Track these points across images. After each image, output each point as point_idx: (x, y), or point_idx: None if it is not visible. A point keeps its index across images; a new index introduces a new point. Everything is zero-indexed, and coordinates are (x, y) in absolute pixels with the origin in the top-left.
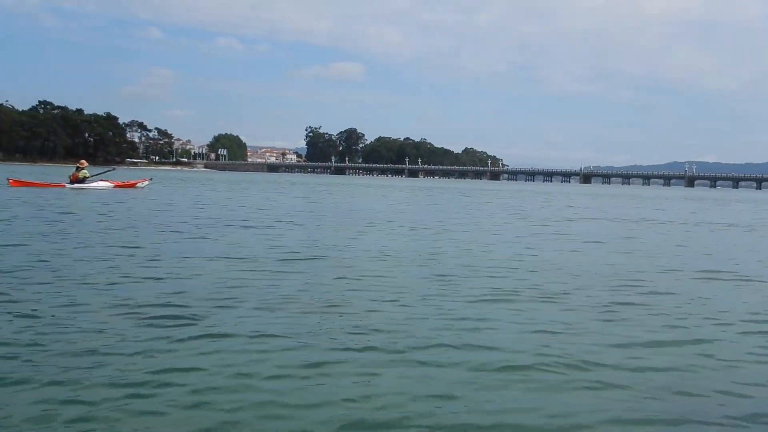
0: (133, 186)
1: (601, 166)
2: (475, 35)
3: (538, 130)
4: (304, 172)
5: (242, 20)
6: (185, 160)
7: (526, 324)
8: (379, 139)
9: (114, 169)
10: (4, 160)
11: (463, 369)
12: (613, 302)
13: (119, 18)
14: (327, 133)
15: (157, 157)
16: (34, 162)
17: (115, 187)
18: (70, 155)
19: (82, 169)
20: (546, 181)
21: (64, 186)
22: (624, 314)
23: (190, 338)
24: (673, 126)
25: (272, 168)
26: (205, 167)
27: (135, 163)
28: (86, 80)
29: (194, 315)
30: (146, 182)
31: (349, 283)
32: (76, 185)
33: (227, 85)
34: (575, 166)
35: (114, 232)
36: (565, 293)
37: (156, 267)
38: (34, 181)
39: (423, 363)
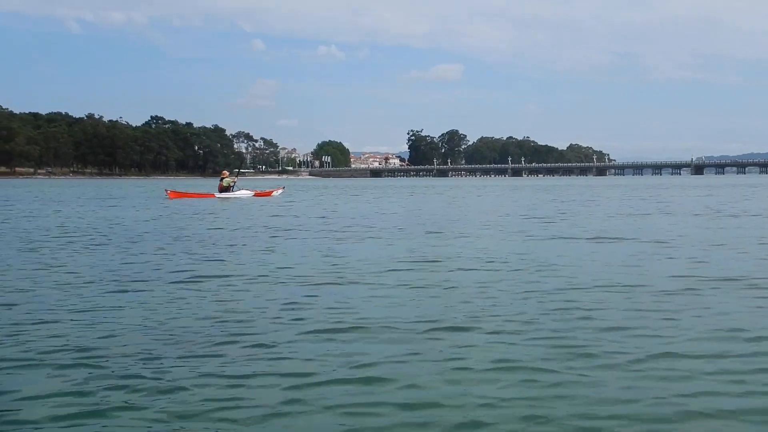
0: (269, 194)
1: (714, 156)
2: (573, 27)
3: (645, 122)
4: (406, 176)
5: (341, 28)
6: (290, 168)
7: None
8: (482, 139)
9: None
10: (120, 175)
11: None
12: None
13: (224, 32)
14: (429, 136)
15: (263, 167)
16: (148, 175)
17: (255, 195)
18: (182, 168)
19: (225, 178)
20: (655, 173)
21: (214, 195)
22: None
23: None
24: None
25: (375, 173)
26: (310, 174)
27: (243, 173)
28: (195, 94)
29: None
30: (280, 191)
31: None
32: (224, 194)
33: (330, 92)
34: (685, 157)
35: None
36: None
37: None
38: (189, 192)
39: None
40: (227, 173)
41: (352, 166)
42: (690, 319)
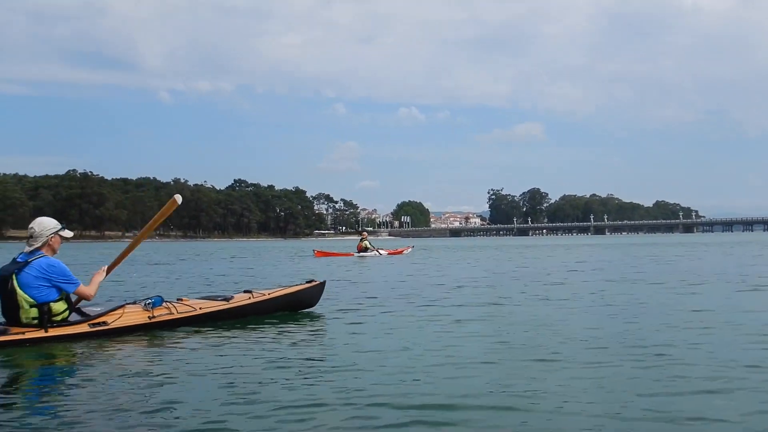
0: (401, 253)
1: None
2: (659, 83)
3: (736, 177)
4: (486, 235)
5: (421, 90)
6: (370, 228)
7: None
8: (564, 198)
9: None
10: (204, 237)
11: None
12: None
13: (307, 98)
14: (509, 195)
15: (343, 228)
16: (230, 237)
17: (389, 254)
18: (263, 230)
19: (365, 239)
20: (746, 230)
21: (353, 255)
22: None
23: None
24: None
25: (454, 232)
26: (389, 235)
27: (323, 235)
28: (278, 157)
29: None
30: (409, 249)
31: None
32: (362, 254)
33: (410, 153)
34: None
35: None
36: None
37: None
38: (332, 251)
39: None
40: (366, 234)
41: (432, 225)
42: None
